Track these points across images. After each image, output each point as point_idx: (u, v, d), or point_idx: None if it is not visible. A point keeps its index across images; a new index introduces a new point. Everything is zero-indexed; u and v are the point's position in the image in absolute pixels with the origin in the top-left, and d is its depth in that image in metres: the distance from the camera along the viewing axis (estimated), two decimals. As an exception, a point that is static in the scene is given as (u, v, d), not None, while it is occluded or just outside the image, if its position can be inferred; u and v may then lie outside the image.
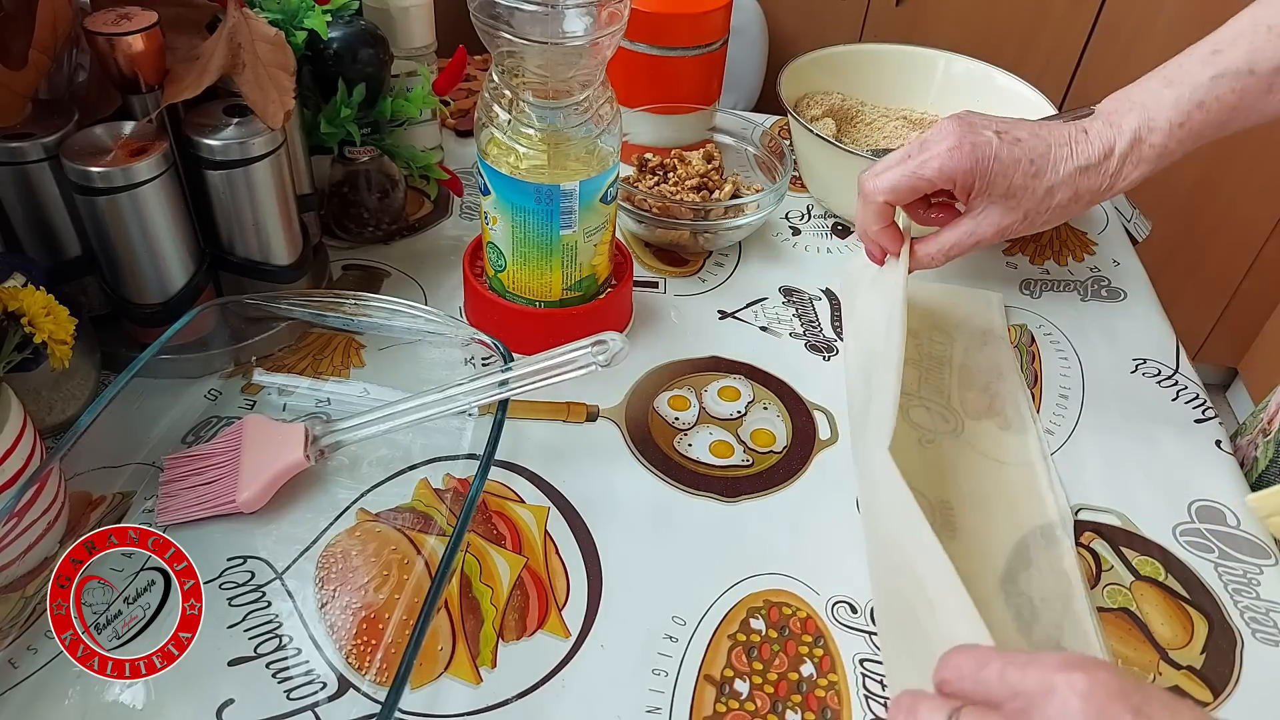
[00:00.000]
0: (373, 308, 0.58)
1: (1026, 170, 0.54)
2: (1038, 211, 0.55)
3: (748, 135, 0.80)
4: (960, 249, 0.58)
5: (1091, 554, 0.52)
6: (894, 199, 0.57)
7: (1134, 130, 0.53)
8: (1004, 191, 0.54)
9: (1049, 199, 0.54)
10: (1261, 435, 0.64)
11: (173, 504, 0.50)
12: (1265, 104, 0.52)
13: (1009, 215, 0.55)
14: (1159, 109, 0.53)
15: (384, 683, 0.43)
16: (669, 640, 0.46)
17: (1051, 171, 0.54)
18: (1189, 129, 0.52)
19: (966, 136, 0.54)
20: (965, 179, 0.54)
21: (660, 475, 0.55)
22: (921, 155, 0.55)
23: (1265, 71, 0.51)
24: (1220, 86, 0.52)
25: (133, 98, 0.53)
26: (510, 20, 0.49)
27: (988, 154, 0.53)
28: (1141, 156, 0.53)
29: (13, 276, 0.47)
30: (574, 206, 0.56)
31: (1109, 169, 0.54)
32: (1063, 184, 0.54)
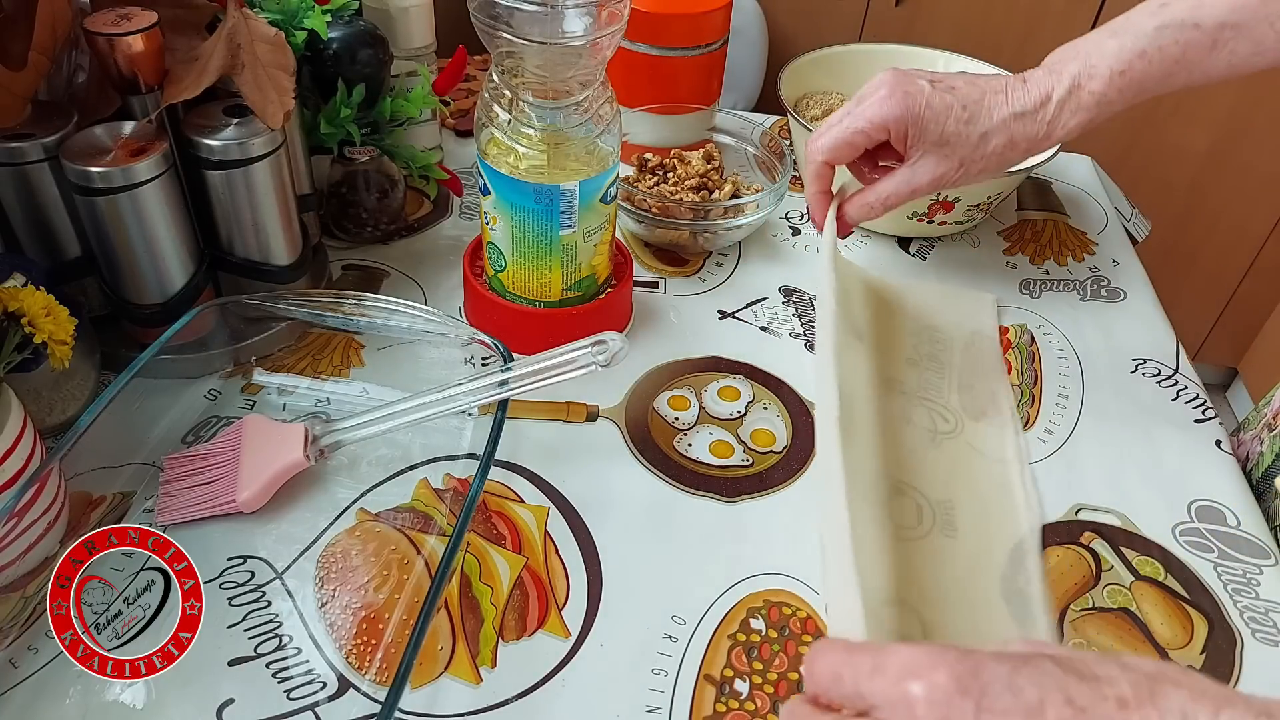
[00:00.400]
0: (372, 308, 0.58)
1: (959, 116, 0.53)
2: (973, 159, 0.55)
3: (748, 135, 0.80)
4: (898, 198, 0.57)
5: (1091, 554, 0.52)
6: (834, 157, 0.57)
7: (1073, 77, 0.53)
8: (937, 139, 0.54)
9: (983, 145, 0.54)
10: (1267, 430, 0.64)
11: (173, 504, 0.50)
12: (1209, 61, 0.52)
13: (944, 163, 0.55)
14: (1101, 57, 0.53)
15: (384, 682, 0.43)
16: (669, 640, 0.47)
17: (985, 117, 0.54)
18: (1129, 78, 0.52)
19: (899, 85, 0.54)
20: (898, 126, 0.54)
21: (660, 475, 0.55)
22: (856, 109, 0.55)
23: (1210, 26, 0.51)
24: (1164, 37, 0.51)
25: (132, 98, 0.53)
26: (510, 20, 0.49)
27: (919, 100, 0.53)
28: (1080, 104, 0.53)
29: (13, 276, 0.47)
30: (574, 206, 0.56)
31: (1045, 116, 0.53)
32: (997, 130, 0.54)
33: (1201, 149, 1.63)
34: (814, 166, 0.58)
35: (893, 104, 0.54)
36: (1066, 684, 0.28)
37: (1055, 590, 0.50)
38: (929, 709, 0.28)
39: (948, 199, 0.71)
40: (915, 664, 0.30)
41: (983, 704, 0.28)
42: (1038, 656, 0.30)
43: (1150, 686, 0.28)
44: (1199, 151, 1.64)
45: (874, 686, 0.30)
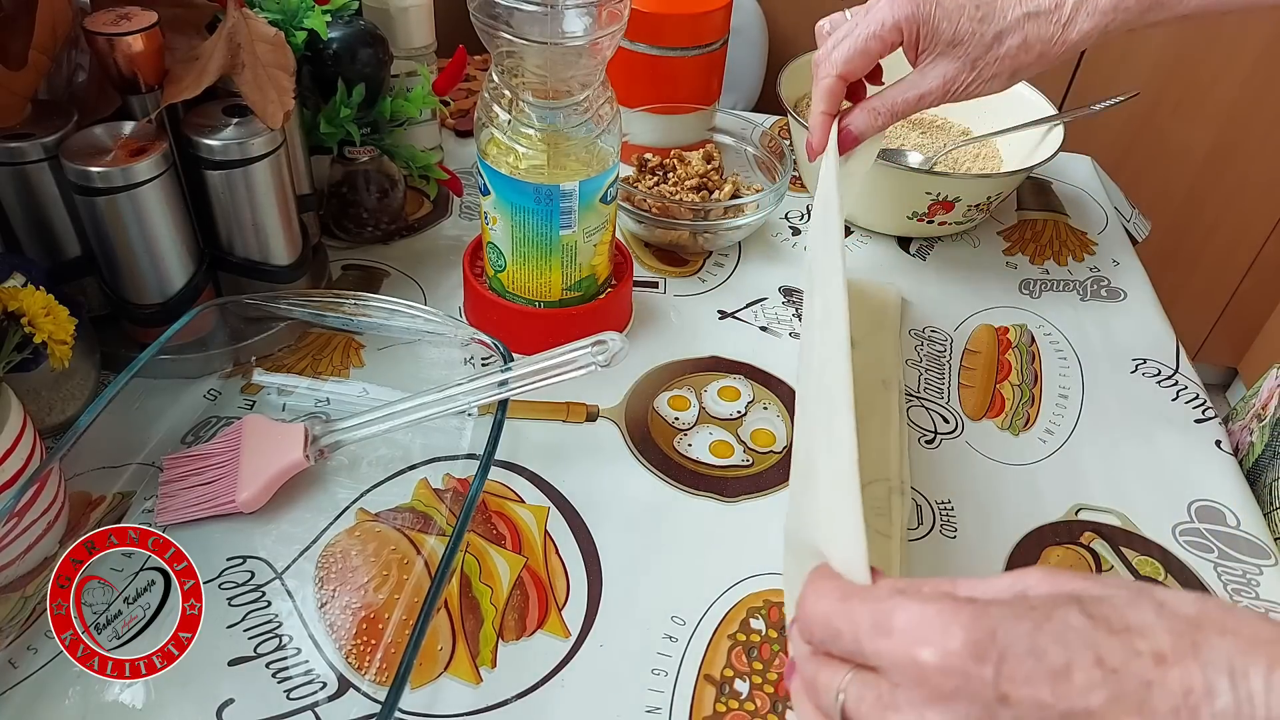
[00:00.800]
0: (372, 308, 0.58)
1: (972, 15, 0.52)
2: (985, 60, 0.52)
3: (748, 135, 0.80)
4: (906, 105, 0.55)
5: (1091, 554, 0.52)
6: (849, 70, 0.54)
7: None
8: (950, 39, 0.52)
9: (997, 45, 0.52)
10: (1256, 420, 0.65)
11: (172, 504, 0.50)
12: None
13: (955, 65, 0.53)
14: None
15: (384, 683, 0.43)
16: (669, 640, 0.47)
17: (999, 16, 0.52)
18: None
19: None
20: (910, 26, 0.52)
21: (660, 475, 0.55)
22: (866, 15, 0.53)
23: None
24: None
25: (132, 98, 0.53)
26: (510, 20, 0.49)
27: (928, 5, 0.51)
28: (1096, 6, 0.51)
29: (13, 276, 0.47)
30: (574, 206, 0.56)
31: (1061, 17, 0.51)
32: (1011, 29, 0.52)
33: (1202, 149, 1.63)
34: (827, 83, 0.54)
35: (902, 4, 0.51)
36: (1096, 640, 0.25)
37: (1055, 590, 0.50)
38: (943, 678, 0.26)
39: (947, 199, 0.71)
40: (925, 625, 0.27)
41: (1003, 671, 0.25)
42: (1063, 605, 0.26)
43: (1192, 636, 0.25)
44: (1199, 152, 1.64)
45: (879, 647, 0.28)
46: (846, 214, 0.78)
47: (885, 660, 0.28)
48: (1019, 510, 0.55)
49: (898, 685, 0.27)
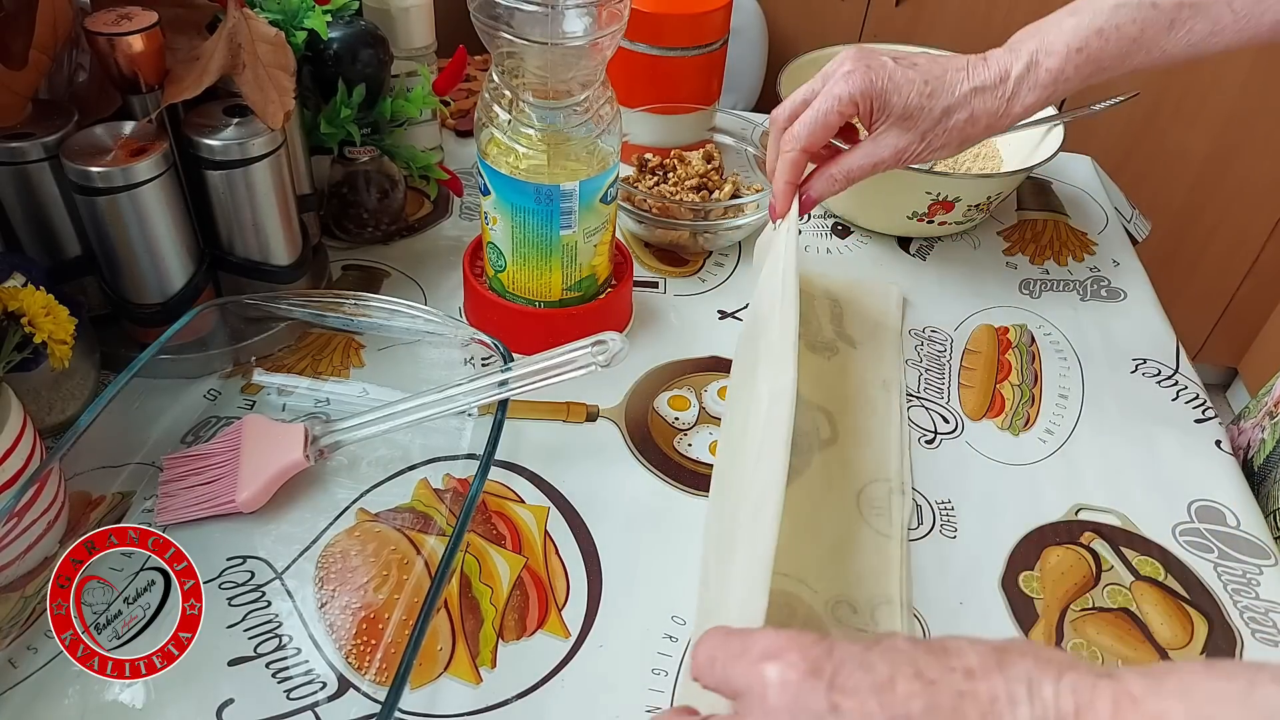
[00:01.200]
0: (372, 308, 0.58)
1: (921, 90, 0.54)
2: (934, 133, 0.55)
3: (748, 135, 0.80)
4: (861, 171, 0.58)
5: (1091, 554, 0.52)
6: (811, 144, 0.57)
7: (1031, 54, 0.54)
8: (901, 112, 0.55)
9: (945, 119, 0.55)
10: (1268, 418, 0.65)
11: (172, 504, 0.50)
12: (1167, 40, 0.52)
13: (906, 136, 0.56)
14: (1059, 34, 0.54)
15: (384, 683, 0.43)
16: (669, 640, 0.46)
17: (947, 92, 0.55)
18: (1086, 55, 0.53)
19: (862, 59, 0.55)
20: (864, 101, 0.55)
21: (660, 475, 0.55)
22: (823, 92, 0.56)
23: (1167, 6, 0.52)
24: (1121, 15, 0.52)
25: (133, 98, 0.53)
26: (510, 20, 0.49)
27: (882, 75, 0.54)
28: (1038, 80, 0.54)
29: (13, 276, 0.47)
30: (574, 206, 0.56)
31: (1005, 92, 0.54)
32: (959, 104, 0.55)
33: (1202, 151, 1.63)
34: (791, 155, 0.57)
35: (857, 78, 0.54)
36: (915, 658, 0.29)
37: (1055, 590, 0.50)
38: (781, 690, 0.29)
39: (947, 199, 0.71)
40: (773, 647, 0.30)
41: (835, 682, 0.28)
42: (891, 636, 0.30)
43: (998, 657, 0.29)
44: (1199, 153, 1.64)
45: (736, 670, 0.31)
46: (846, 214, 0.78)
47: (740, 680, 0.31)
48: (1019, 510, 0.55)
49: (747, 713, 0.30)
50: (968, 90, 0.55)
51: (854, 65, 0.55)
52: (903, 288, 0.71)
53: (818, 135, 0.56)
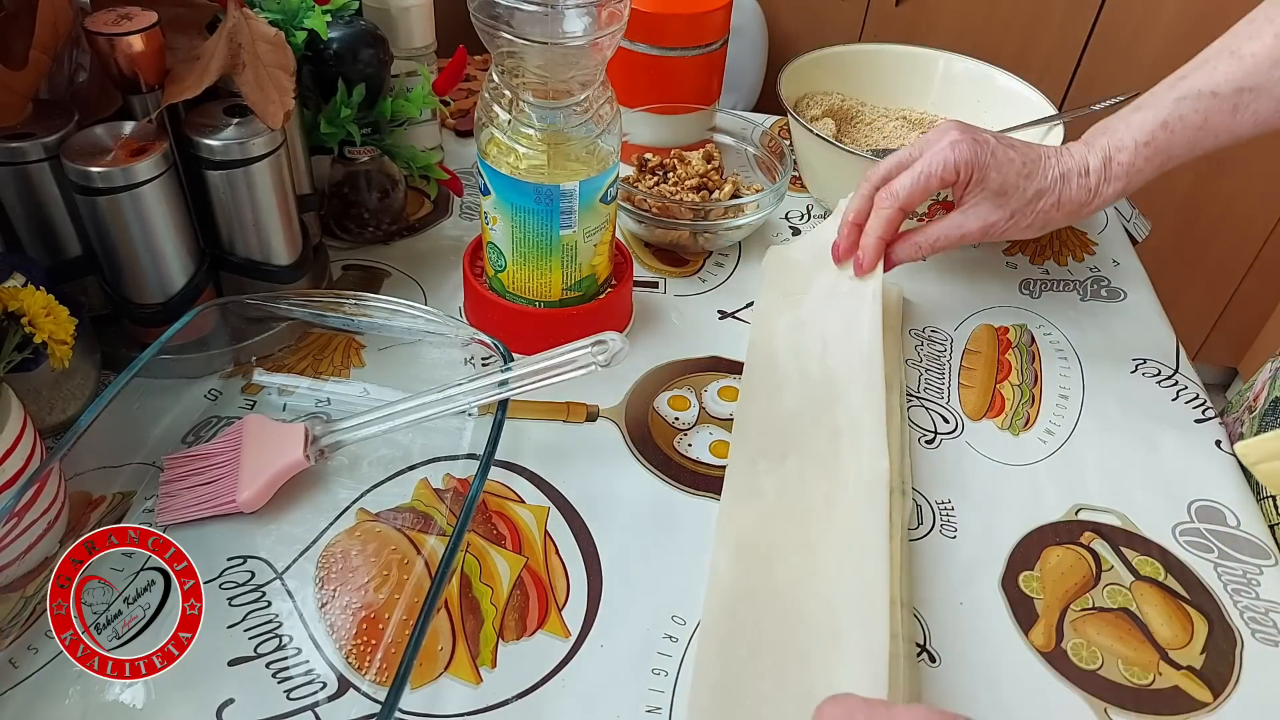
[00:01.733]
0: (373, 308, 0.58)
1: (1020, 170, 0.58)
2: (1024, 213, 0.59)
3: (748, 135, 0.80)
4: (947, 241, 0.61)
5: (1091, 554, 0.52)
6: (909, 203, 0.60)
7: (1104, 150, 0.58)
8: (998, 188, 0.58)
9: (1036, 201, 0.58)
10: (1247, 413, 0.65)
11: (173, 504, 0.50)
12: (1234, 123, 0.55)
13: (997, 212, 0.59)
14: (1127, 130, 0.57)
15: (384, 683, 0.43)
16: (669, 640, 0.47)
17: (1041, 175, 0.58)
18: (1154, 148, 0.56)
19: (968, 132, 0.59)
20: (965, 170, 0.58)
21: (660, 475, 0.55)
22: (927, 155, 0.59)
23: (1227, 93, 0.55)
24: (1183, 107, 0.56)
25: (133, 98, 0.53)
26: (510, 20, 0.49)
27: (986, 149, 0.58)
28: (1112, 174, 0.58)
29: (13, 276, 0.47)
30: (574, 206, 0.56)
31: (1088, 184, 0.58)
32: (1049, 189, 0.58)
33: (1202, 149, 1.63)
34: (887, 213, 0.60)
35: (964, 149, 0.57)
36: None
37: (1055, 590, 0.50)
38: None
39: (948, 199, 0.71)
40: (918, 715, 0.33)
41: None
42: None
43: None
44: (1199, 152, 1.64)
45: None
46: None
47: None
48: (1019, 510, 0.55)
49: None
50: (1057, 175, 0.58)
51: (960, 136, 0.58)
52: (903, 288, 0.71)
53: (916, 196, 0.59)
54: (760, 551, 0.50)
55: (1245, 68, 0.54)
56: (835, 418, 0.56)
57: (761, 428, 0.56)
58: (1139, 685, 0.46)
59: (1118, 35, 1.59)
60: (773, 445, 0.55)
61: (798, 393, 0.58)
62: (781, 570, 0.49)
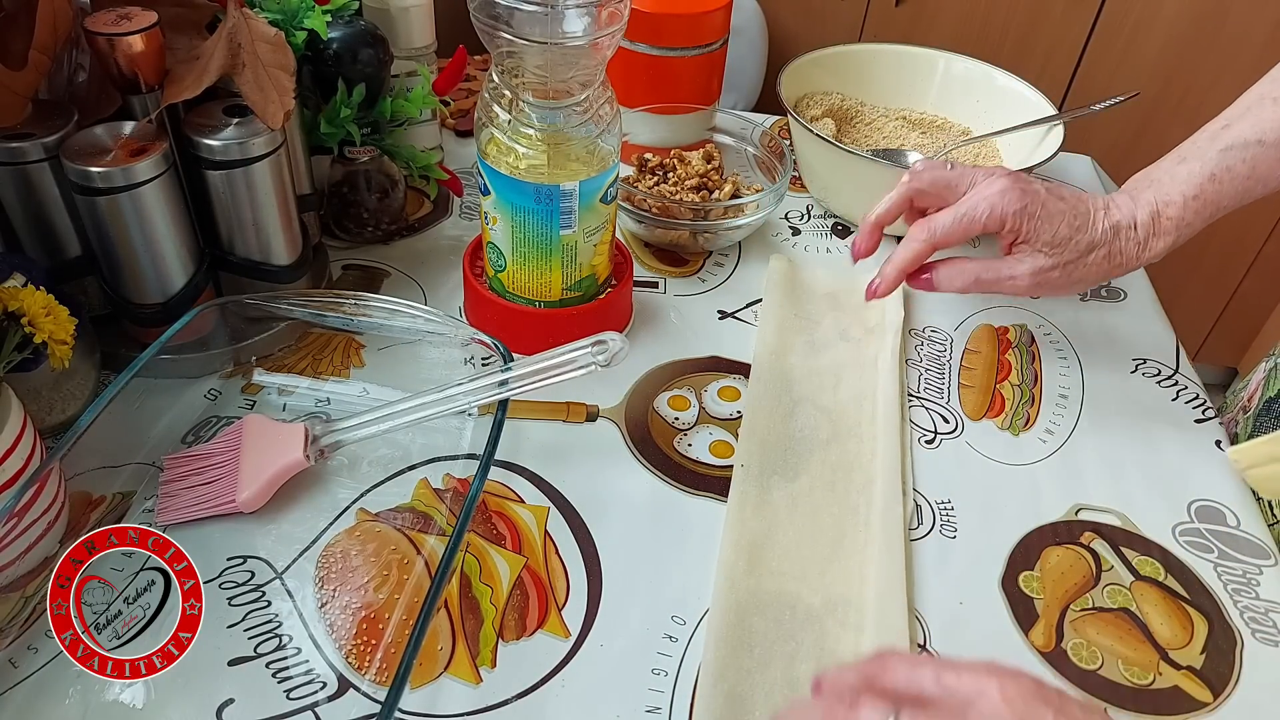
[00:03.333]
0: (373, 308, 0.58)
1: (1071, 222, 0.56)
2: (1075, 265, 0.56)
3: (748, 135, 0.80)
4: (994, 286, 0.58)
5: (1091, 554, 0.52)
6: (945, 242, 0.57)
7: (1151, 204, 0.56)
8: (1049, 240, 0.56)
9: (1088, 254, 0.56)
10: (1242, 412, 0.66)
11: (173, 504, 0.50)
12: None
13: (1048, 261, 0.56)
14: (1173, 183, 0.56)
15: (384, 683, 0.43)
16: (669, 640, 0.47)
17: (1091, 228, 0.56)
18: (1204, 200, 0.55)
19: (1018, 182, 0.56)
20: (1013, 222, 0.56)
21: (660, 475, 0.55)
22: (973, 198, 0.56)
23: (1274, 141, 0.54)
24: (1230, 158, 0.55)
25: (133, 98, 0.53)
26: (510, 20, 0.49)
27: (1037, 201, 0.55)
28: (1161, 229, 0.56)
29: (13, 276, 0.47)
30: (574, 206, 0.56)
31: (1135, 238, 0.56)
32: (1100, 242, 0.56)
33: (1201, 149, 1.63)
34: (918, 247, 0.57)
35: (1014, 199, 0.55)
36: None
37: (1055, 590, 0.50)
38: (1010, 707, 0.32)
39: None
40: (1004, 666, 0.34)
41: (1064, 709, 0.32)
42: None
43: None
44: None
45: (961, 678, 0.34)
46: (846, 214, 0.78)
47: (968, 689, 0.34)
48: (1019, 510, 0.55)
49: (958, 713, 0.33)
50: (1108, 228, 0.56)
51: (1011, 185, 0.56)
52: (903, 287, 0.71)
53: (954, 238, 0.57)
54: (770, 554, 0.50)
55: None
56: (846, 452, 0.56)
57: (774, 441, 0.57)
58: (1139, 685, 0.46)
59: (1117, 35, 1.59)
60: (785, 462, 0.56)
61: (810, 417, 0.59)
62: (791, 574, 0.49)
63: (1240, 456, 0.53)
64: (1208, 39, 1.55)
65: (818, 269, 0.72)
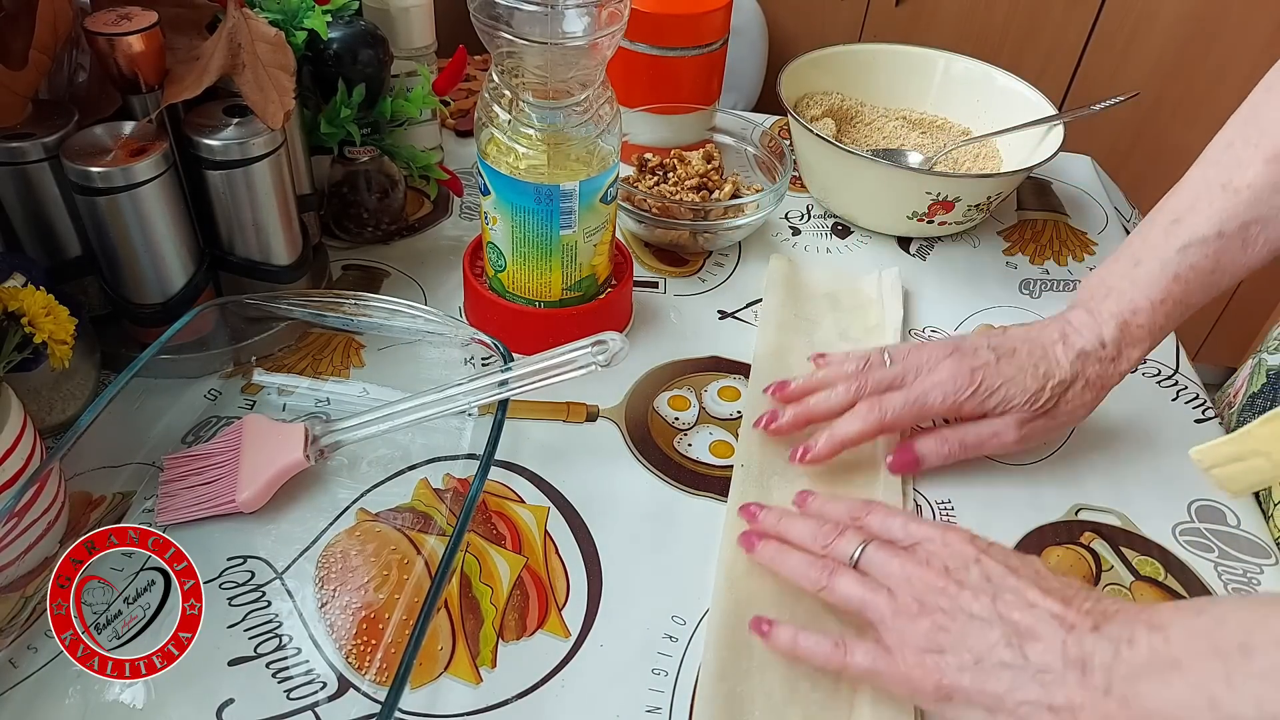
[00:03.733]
0: (373, 308, 0.58)
1: (1034, 372, 0.53)
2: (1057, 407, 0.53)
3: (748, 135, 0.80)
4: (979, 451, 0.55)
5: (1091, 554, 0.52)
6: (891, 428, 0.54)
7: (1115, 316, 0.53)
8: (1020, 399, 0.53)
9: (1065, 392, 0.53)
10: (1227, 408, 0.66)
11: (172, 504, 0.50)
12: (1246, 257, 0.51)
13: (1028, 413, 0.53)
14: (1135, 289, 0.53)
15: (384, 683, 0.43)
16: (669, 640, 0.47)
17: (1058, 367, 0.53)
18: (1172, 302, 0.52)
19: (963, 362, 0.53)
20: (971, 403, 0.53)
21: (660, 475, 0.55)
22: (923, 382, 0.53)
23: (1234, 229, 0.51)
24: (1192, 255, 0.51)
25: (133, 98, 0.53)
26: (510, 20, 0.49)
27: (991, 372, 0.53)
28: (1134, 338, 0.53)
29: (13, 276, 0.47)
30: (574, 206, 0.56)
31: (1106, 355, 0.53)
32: (1072, 377, 0.53)
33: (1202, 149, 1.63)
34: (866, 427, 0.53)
35: (963, 382, 0.53)
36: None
37: (1055, 590, 0.50)
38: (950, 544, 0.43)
39: (947, 199, 0.71)
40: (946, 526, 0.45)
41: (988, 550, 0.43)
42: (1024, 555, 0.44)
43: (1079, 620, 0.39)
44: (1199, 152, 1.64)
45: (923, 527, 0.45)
46: (846, 214, 0.78)
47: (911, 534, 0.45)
48: (1019, 510, 0.55)
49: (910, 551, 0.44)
50: (1074, 358, 0.53)
51: (957, 367, 0.53)
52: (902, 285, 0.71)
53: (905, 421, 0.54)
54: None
55: (1245, 200, 0.51)
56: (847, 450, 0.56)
57: (774, 441, 0.57)
58: (1139, 685, 0.46)
59: (1117, 34, 1.59)
60: (785, 461, 0.55)
61: None
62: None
63: (1202, 456, 0.52)
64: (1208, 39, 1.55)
65: (817, 269, 0.72)
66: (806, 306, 0.68)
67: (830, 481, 0.54)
